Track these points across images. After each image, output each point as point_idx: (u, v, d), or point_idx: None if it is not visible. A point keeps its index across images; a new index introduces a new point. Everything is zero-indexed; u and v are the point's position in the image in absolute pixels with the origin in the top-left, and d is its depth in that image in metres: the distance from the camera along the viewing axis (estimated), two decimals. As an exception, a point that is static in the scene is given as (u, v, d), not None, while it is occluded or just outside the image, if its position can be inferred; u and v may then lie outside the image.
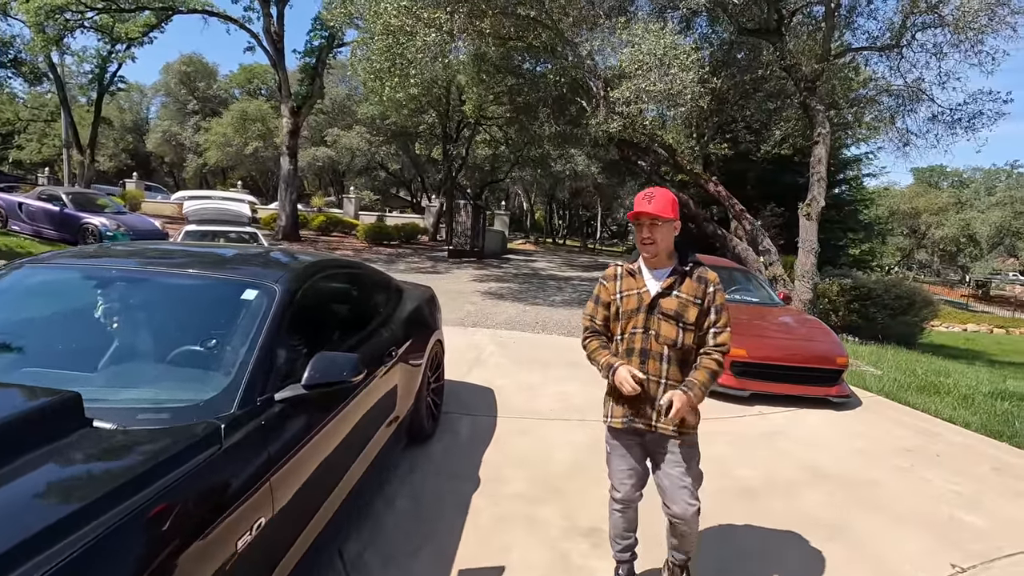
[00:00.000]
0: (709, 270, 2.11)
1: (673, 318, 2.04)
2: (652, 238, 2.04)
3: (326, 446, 2.04)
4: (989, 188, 52.36)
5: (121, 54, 19.95)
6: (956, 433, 4.90)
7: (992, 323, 28.62)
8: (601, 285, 2.21)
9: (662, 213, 1.99)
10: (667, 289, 2.06)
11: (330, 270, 2.68)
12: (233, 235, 10.19)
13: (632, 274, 2.15)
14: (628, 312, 2.10)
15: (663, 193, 2.04)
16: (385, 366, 2.77)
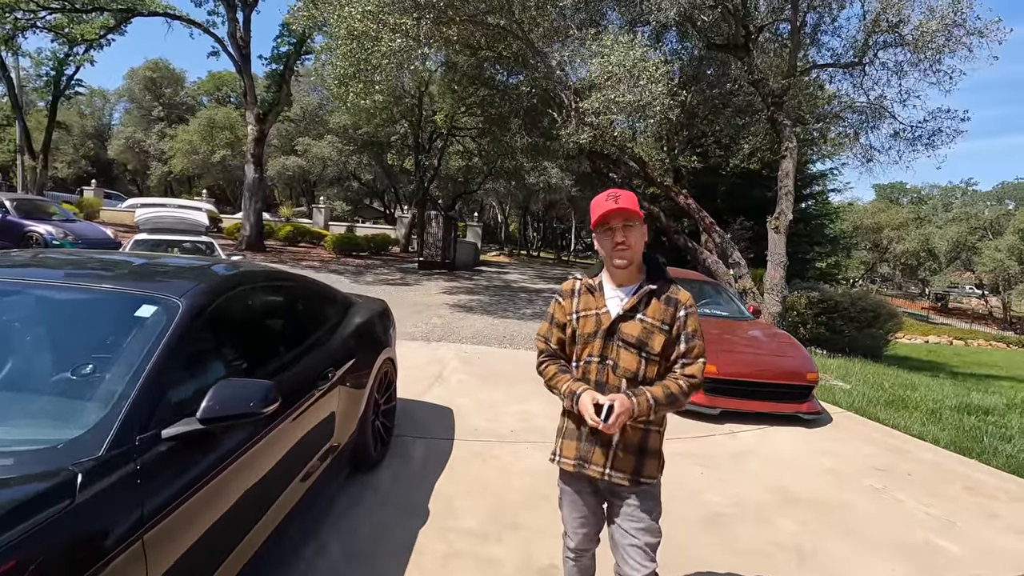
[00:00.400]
0: (681, 289, 1.79)
1: (635, 346, 1.72)
2: (627, 242, 1.71)
3: (232, 489, 1.75)
4: (946, 204, 54.60)
5: (79, 57, 19.22)
6: (926, 450, 4.81)
7: (951, 335, 29.47)
8: (556, 303, 1.89)
9: (634, 211, 1.70)
10: (630, 311, 1.74)
11: (255, 282, 2.39)
12: (188, 245, 9.72)
13: (592, 291, 1.82)
14: (584, 336, 1.78)
15: (628, 193, 1.74)
16: (319, 390, 2.49)
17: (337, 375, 2.73)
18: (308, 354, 2.56)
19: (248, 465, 1.83)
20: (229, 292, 2.11)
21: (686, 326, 1.74)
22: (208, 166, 34.89)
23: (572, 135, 9.54)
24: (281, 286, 2.66)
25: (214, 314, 1.97)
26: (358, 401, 3.03)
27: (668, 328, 1.73)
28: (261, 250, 17.16)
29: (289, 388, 2.22)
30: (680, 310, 1.75)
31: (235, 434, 1.79)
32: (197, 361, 1.88)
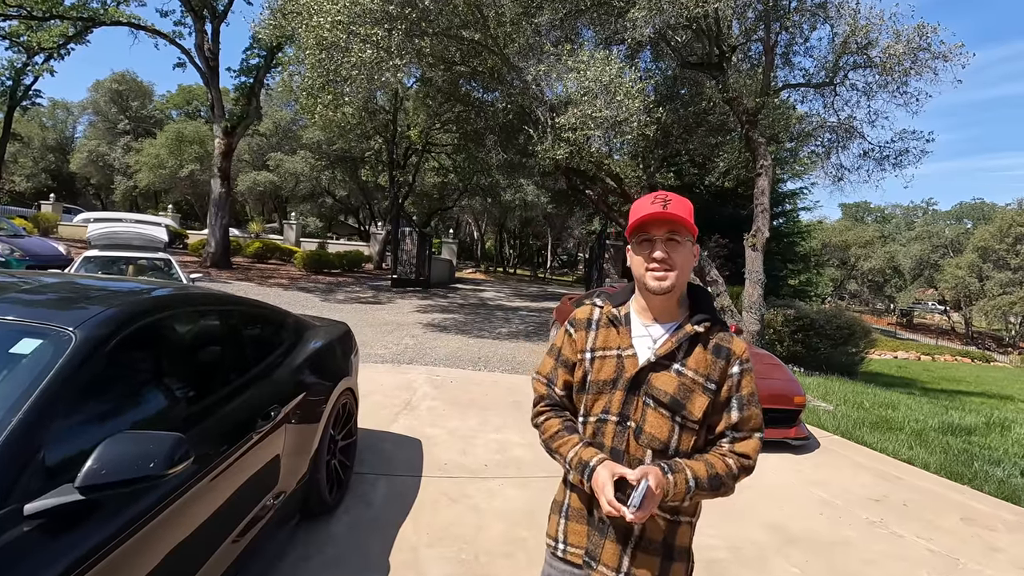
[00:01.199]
0: (735, 337, 1.36)
1: (668, 407, 1.29)
2: (671, 262, 1.27)
3: (132, 570, 1.39)
4: (908, 223, 56.49)
5: (39, 66, 18.48)
6: (918, 477, 4.63)
7: (919, 350, 30.13)
8: (566, 334, 1.45)
9: (686, 220, 1.27)
10: (665, 358, 1.30)
11: (182, 308, 2.04)
12: (144, 262, 9.18)
13: (615, 323, 1.38)
14: (600, 384, 1.35)
15: (683, 199, 1.32)
16: (259, 431, 2.13)
17: (283, 412, 2.38)
18: (246, 391, 2.20)
19: (157, 536, 1.47)
20: (143, 320, 1.76)
21: (740, 387, 1.32)
22: (175, 181, 33.97)
23: (548, 151, 9.37)
24: (216, 311, 2.30)
25: (120, 348, 1.61)
26: (310, 440, 2.67)
27: (715, 388, 1.30)
28: (227, 267, 16.52)
29: (217, 435, 1.87)
30: (733, 365, 1.32)
31: (138, 500, 1.43)
32: (91, 408, 1.52)
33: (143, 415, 1.66)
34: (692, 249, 1.33)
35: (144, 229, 9.75)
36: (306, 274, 18.04)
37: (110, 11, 14.78)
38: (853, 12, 10.66)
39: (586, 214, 29.86)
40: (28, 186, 39.89)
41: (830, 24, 11.03)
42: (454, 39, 9.73)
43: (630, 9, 9.40)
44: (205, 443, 1.76)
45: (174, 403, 1.81)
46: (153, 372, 1.83)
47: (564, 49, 9.40)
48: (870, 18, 10.66)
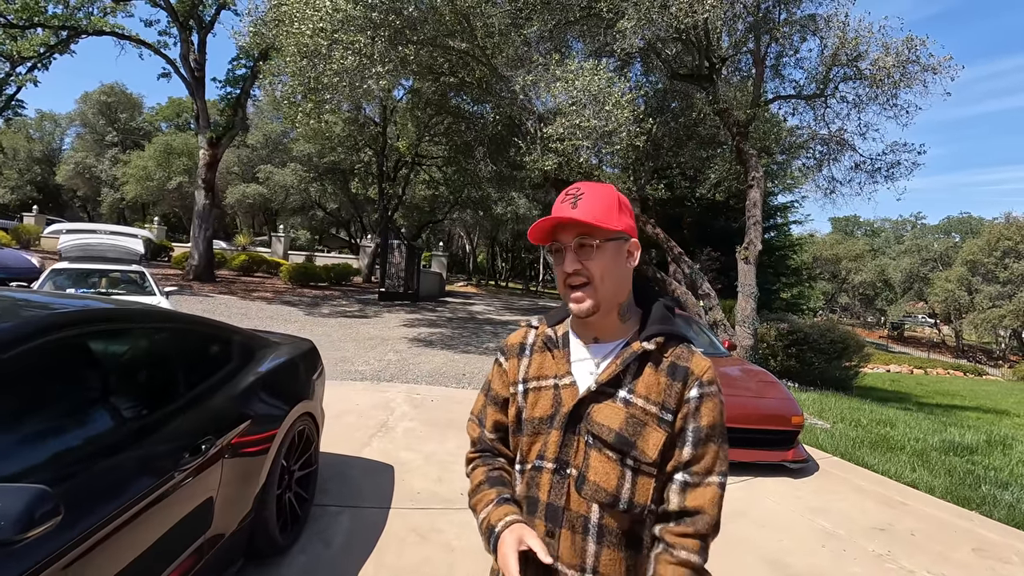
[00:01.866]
0: (696, 352, 1.09)
1: (614, 447, 1.02)
2: (584, 272, 1.04)
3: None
4: (898, 237, 56.96)
5: (21, 76, 18.16)
6: (924, 502, 4.36)
7: (911, 364, 30.08)
8: (496, 364, 1.22)
9: (600, 221, 1.02)
10: (610, 384, 1.05)
11: (87, 326, 1.75)
12: (117, 275, 8.84)
13: (551, 346, 1.14)
14: (536, 423, 1.09)
15: (599, 189, 1.06)
16: (183, 469, 1.83)
17: (220, 444, 2.08)
18: (170, 421, 1.90)
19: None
20: (26, 344, 1.47)
21: (698, 416, 1.02)
22: (163, 193, 33.62)
23: (536, 162, 9.17)
24: (141, 329, 2.01)
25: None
26: (255, 473, 2.37)
27: (671, 417, 1.03)
28: (210, 280, 16.15)
29: (118, 479, 1.57)
30: (691, 387, 1.03)
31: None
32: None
33: (14, 459, 1.36)
34: (620, 248, 1.06)
35: (119, 240, 9.44)
36: (292, 287, 17.68)
37: (93, 20, 14.55)
38: (842, 25, 10.64)
39: (578, 227, 29.71)
40: (12, 198, 39.35)
41: (819, 37, 10.99)
42: (440, 48, 9.57)
43: (619, 20, 9.29)
44: (100, 490, 1.46)
45: (61, 443, 1.51)
46: (42, 403, 1.53)
47: (552, 59, 9.26)
48: (859, 31, 10.64)
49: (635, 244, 1.09)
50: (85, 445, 1.56)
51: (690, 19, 8.85)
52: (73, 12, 15.53)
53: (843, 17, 10.62)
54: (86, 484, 1.42)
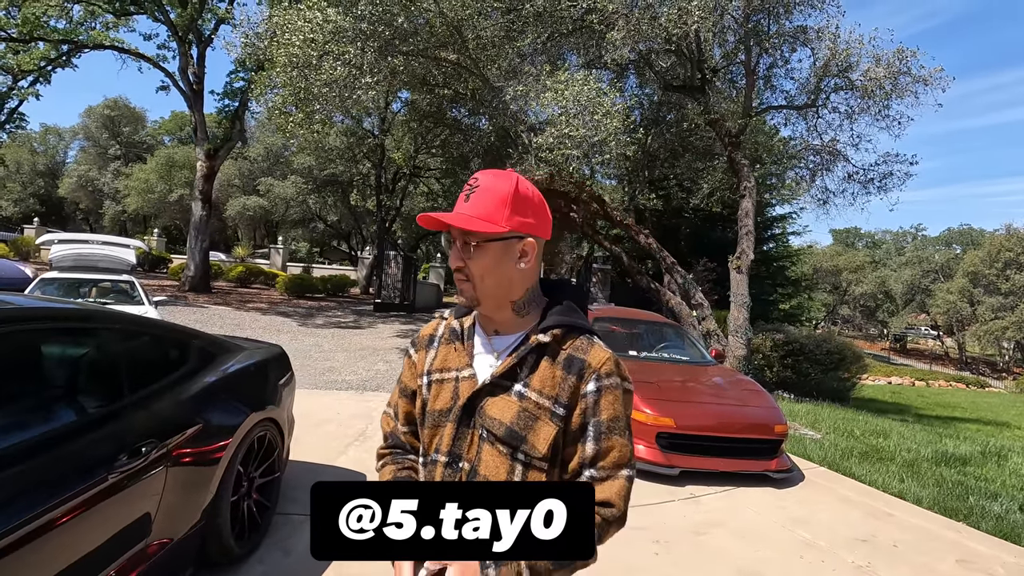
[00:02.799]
0: (598, 343, 1.04)
1: (504, 441, 0.98)
2: (465, 272, 1.01)
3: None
4: (899, 248, 56.86)
5: (24, 90, 18.36)
6: (910, 513, 4.27)
7: (913, 376, 29.85)
8: (407, 356, 1.19)
9: (481, 224, 0.97)
10: (506, 377, 1.02)
11: (22, 324, 1.71)
12: (107, 284, 8.86)
13: (456, 338, 1.11)
14: (436, 416, 1.06)
15: (495, 184, 1.00)
16: (117, 472, 1.78)
17: (164, 448, 2.04)
18: (107, 424, 1.86)
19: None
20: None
21: (597, 411, 0.99)
22: (164, 205, 33.84)
23: (527, 172, 9.18)
24: (79, 329, 1.97)
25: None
26: (206, 479, 2.32)
27: (565, 412, 0.99)
28: (206, 291, 16.16)
29: (43, 477, 1.53)
30: (588, 380, 1.00)
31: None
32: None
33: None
34: (507, 249, 1.01)
35: (111, 251, 9.47)
36: (288, 298, 17.68)
37: (93, 35, 14.73)
38: (833, 36, 10.69)
39: (575, 238, 29.81)
40: (15, 211, 39.66)
41: (810, 48, 11.05)
42: (432, 60, 9.63)
43: (610, 32, 9.36)
44: (19, 488, 1.42)
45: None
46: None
47: (544, 70, 9.31)
48: (850, 42, 10.69)
49: (530, 244, 1.02)
50: (8, 442, 1.51)
51: (679, 30, 8.91)
52: (76, 27, 15.78)
53: (834, 29, 10.67)
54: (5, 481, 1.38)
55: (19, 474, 1.49)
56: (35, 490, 1.50)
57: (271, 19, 8.26)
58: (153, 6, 14.98)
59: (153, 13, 15.26)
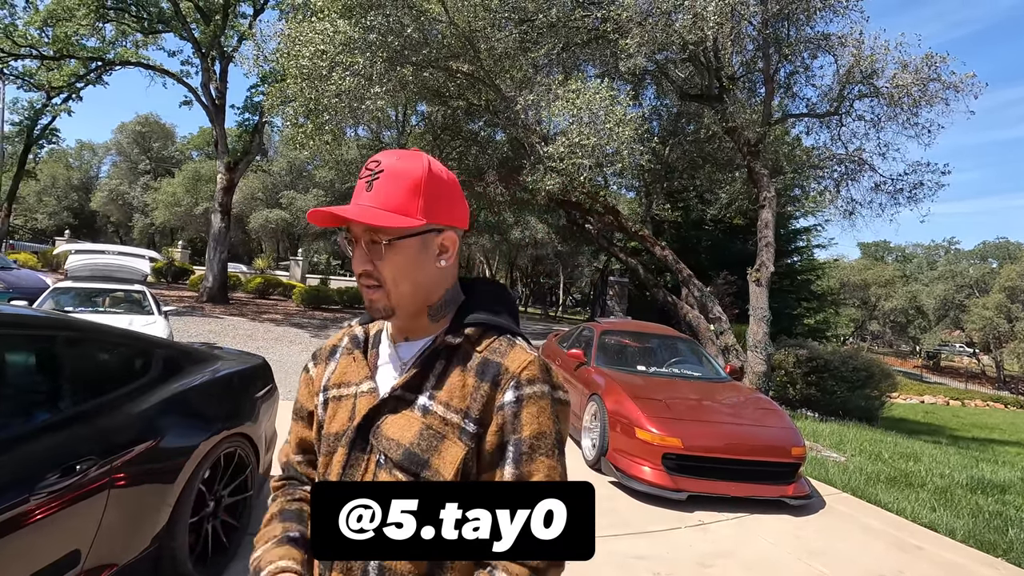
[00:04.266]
0: (521, 344, 0.86)
1: (402, 466, 0.81)
2: (375, 274, 0.83)
3: None
4: (931, 263, 55.12)
5: (56, 107, 19.01)
6: (941, 546, 3.92)
7: (947, 395, 28.63)
8: (304, 371, 1.01)
9: (389, 219, 0.79)
10: (409, 388, 0.85)
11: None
12: (120, 294, 8.94)
13: (356, 346, 0.94)
14: (331, 440, 0.89)
15: (402, 166, 0.82)
16: (43, 493, 1.63)
17: (106, 465, 1.89)
18: (34, 440, 1.71)
19: None
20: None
21: (518, 426, 0.80)
22: (190, 218, 34.64)
23: (538, 182, 9.04)
24: (10, 336, 1.84)
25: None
26: (159, 500, 2.16)
27: (476, 428, 0.81)
28: (223, 302, 16.31)
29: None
30: (505, 389, 0.81)
31: None
32: None
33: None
34: (425, 244, 0.84)
35: (126, 261, 9.57)
36: (303, 310, 17.76)
37: (120, 52, 15.16)
38: (857, 42, 10.37)
39: (592, 251, 29.58)
40: (49, 223, 41.06)
41: (833, 54, 10.73)
42: (444, 70, 9.60)
43: (624, 40, 9.22)
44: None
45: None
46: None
47: (556, 79, 9.20)
48: (875, 48, 10.36)
49: (450, 238, 0.86)
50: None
51: (694, 36, 8.72)
52: (107, 45, 16.31)
53: (857, 35, 10.36)
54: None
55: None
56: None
57: (285, 33, 8.31)
58: (179, 24, 15.38)
59: (179, 31, 15.69)
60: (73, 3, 14.25)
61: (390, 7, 7.84)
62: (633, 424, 4.24)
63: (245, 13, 16.44)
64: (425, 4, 8.55)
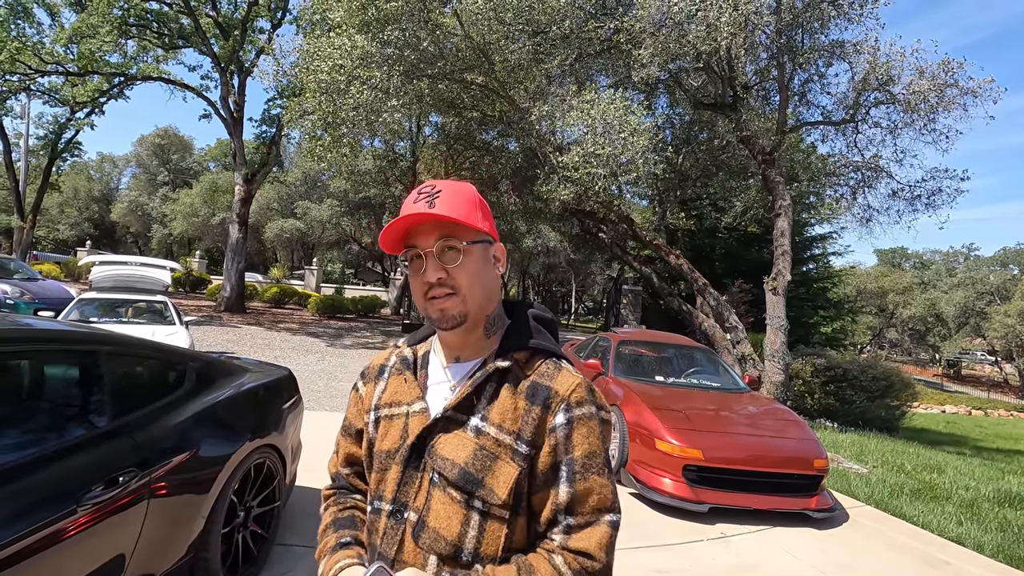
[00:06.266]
0: (565, 368, 0.90)
1: (457, 486, 0.85)
2: (450, 281, 0.86)
3: None
4: (949, 269, 54.17)
5: (80, 121, 19.48)
6: (970, 561, 3.85)
7: (969, 404, 28.06)
8: (354, 390, 1.05)
9: (466, 219, 0.86)
10: (461, 410, 0.88)
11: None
12: (142, 304, 9.11)
13: (406, 367, 0.97)
14: (383, 457, 0.92)
15: (459, 186, 0.90)
16: (89, 505, 1.69)
17: (146, 477, 1.94)
18: (78, 453, 1.77)
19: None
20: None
21: (570, 447, 0.84)
22: (207, 228, 35.15)
23: (552, 191, 9.09)
24: (52, 352, 1.89)
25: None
26: (194, 511, 2.21)
27: (529, 449, 0.84)
28: (240, 312, 16.52)
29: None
30: (556, 412, 0.85)
31: None
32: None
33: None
34: (486, 252, 0.91)
35: (148, 272, 9.75)
36: (319, 319, 17.92)
37: (142, 67, 15.53)
38: (872, 49, 10.33)
39: (605, 259, 29.54)
40: (71, 234, 41.89)
41: (848, 62, 10.69)
42: (459, 82, 9.71)
43: (637, 49, 9.27)
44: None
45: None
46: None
47: (570, 90, 9.26)
48: (890, 55, 10.31)
49: (501, 248, 0.94)
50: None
51: (708, 46, 8.74)
52: (129, 61, 16.73)
53: (873, 42, 10.32)
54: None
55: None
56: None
57: (304, 48, 8.48)
58: (199, 39, 15.73)
59: (199, 46, 16.04)
60: (97, 20, 14.65)
61: (406, 21, 7.97)
62: (653, 435, 4.23)
63: (263, 28, 16.76)
64: (440, 18, 8.68)
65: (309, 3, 10.81)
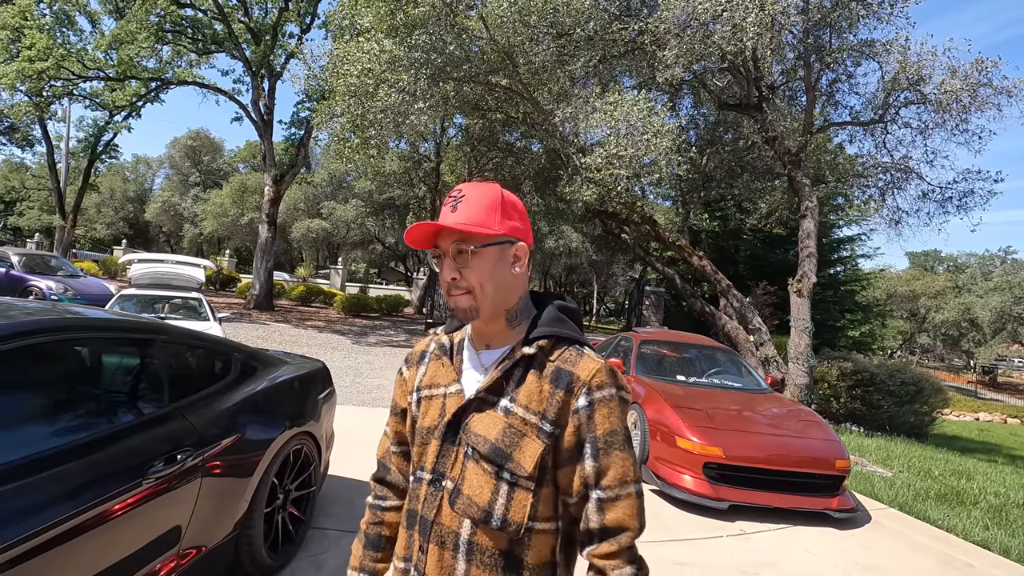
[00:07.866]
0: (589, 353, 1.00)
1: (489, 459, 0.96)
2: (462, 282, 0.97)
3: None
4: (985, 273, 52.40)
5: (118, 124, 20.23)
6: (995, 565, 3.83)
7: (1005, 412, 27.20)
8: (399, 374, 1.17)
9: (476, 227, 0.96)
10: (492, 392, 0.99)
11: (62, 333, 1.82)
12: (178, 301, 9.46)
13: (443, 352, 1.09)
14: (423, 433, 1.04)
15: (481, 190, 1.01)
16: (152, 479, 1.86)
17: (200, 456, 2.11)
18: (143, 431, 1.94)
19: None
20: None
21: (592, 426, 0.95)
22: (236, 228, 35.99)
23: (575, 192, 9.17)
24: (119, 340, 2.08)
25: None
26: (241, 490, 2.38)
27: (553, 428, 0.95)
28: (269, 309, 16.96)
29: (77, 481, 1.61)
30: (578, 395, 0.95)
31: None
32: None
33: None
34: (502, 253, 1.00)
35: (182, 270, 10.12)
36: (344, 317, 18.28)
37: (178, 72, 16.07)
38: (902, 49, 10.17)
39: (627, 260, 29.40)
40: (107, 233, 43.38)
41: (877, 61, 10.53)
42: (483, 85, 9.86)
43: (662, 51, 9.29)
44: (53, 490, 1.50)
45: (23, 440, 1.57)
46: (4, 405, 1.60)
47: (594, 91, 9.33)
48: (921, 54, 10.14)
49: (522, 248, 1.02)
50: (47, 445, 1.61)
51: (733, 47, 8.73)
52: (165, 66, 17.34)
53: (903, 41, 10.15)
54: (39, 482, 1.46)
55: (58, 475, 1.57)
56: (71, 491, 1.57)
57: (333, 53, 8.72)
58: (231, 45, 16.21)
59: (231, 51, 16.52)
60: (135, 27, 15.23)
61: (433, 26, 8.15)
62: (674, 433, 4.30)
63: (292, 33, 17.18)
64: (466, 22, 8.84)
65: (338, 8, 11.09)
